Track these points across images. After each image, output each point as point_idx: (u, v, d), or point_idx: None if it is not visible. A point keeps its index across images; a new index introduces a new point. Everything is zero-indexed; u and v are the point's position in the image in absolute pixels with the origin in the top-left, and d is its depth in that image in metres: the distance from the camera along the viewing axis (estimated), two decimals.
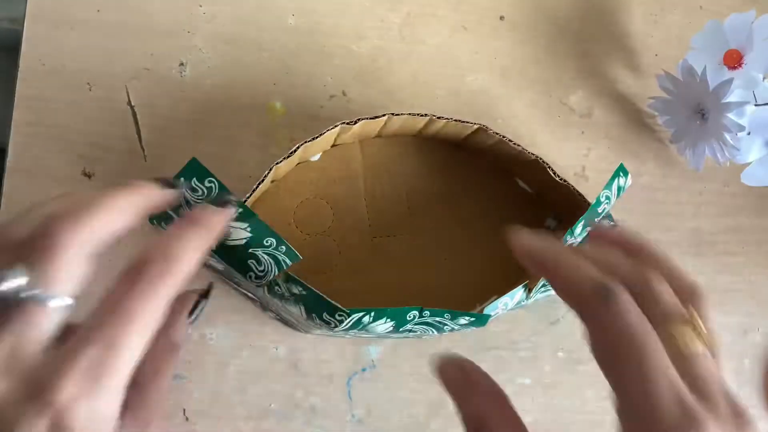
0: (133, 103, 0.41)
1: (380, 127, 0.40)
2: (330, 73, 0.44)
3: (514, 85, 0.47)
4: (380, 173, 0.42)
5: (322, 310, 0.34)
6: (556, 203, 0.43)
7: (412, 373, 0.42)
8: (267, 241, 0.33)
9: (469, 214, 0.43)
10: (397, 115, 0.38)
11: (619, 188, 0.38)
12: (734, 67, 0.43)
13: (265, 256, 0.33)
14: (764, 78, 0.44)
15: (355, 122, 0.37)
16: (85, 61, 0.41)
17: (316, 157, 0.41)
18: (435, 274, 0.42)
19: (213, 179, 0.32)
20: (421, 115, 0.39)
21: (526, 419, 0.43)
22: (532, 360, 0.44)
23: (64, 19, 0.41)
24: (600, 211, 0.38)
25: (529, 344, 0.44)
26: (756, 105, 0.44)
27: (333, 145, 0.41)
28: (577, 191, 0.40)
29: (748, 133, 0.44)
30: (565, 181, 0.39)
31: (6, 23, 0.62)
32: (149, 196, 0.27)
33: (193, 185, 0.32)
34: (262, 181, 0.36)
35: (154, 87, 0.41)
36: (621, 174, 0.38)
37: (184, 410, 0.39)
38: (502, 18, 0.48)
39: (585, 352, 0.45)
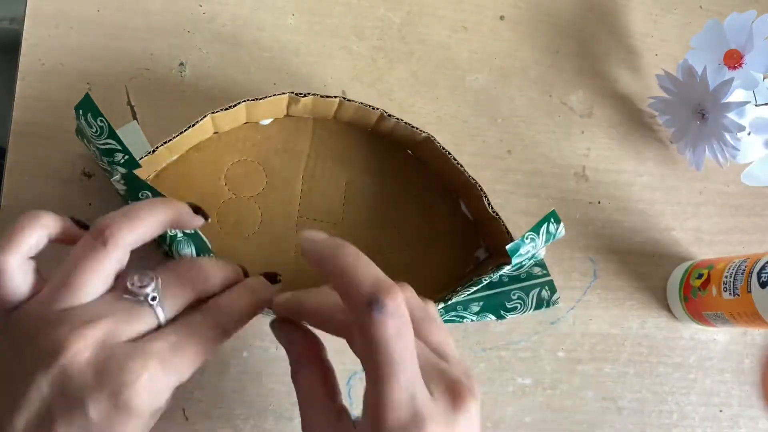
0: (133, 103, 0.41)
1: (334, 110, 0.40)
2: (330, 73, 0.44)
3: (515, 85, 0.47)
4: (325, 156, 0.41)
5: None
6: (488, 235, 0.42)
7: None
8: (142, 194, 0.34)
9: (403, 222, 0.42)
10: (348, 101, 0.38)
11: (550, 234, 0.37)
12: (734, 67, 0.43)
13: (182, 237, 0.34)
14: (764, 78, 0.44)
15: (305, 95, 0.37)
16: (85, 61, 0.41)
17: (266, 122, 0.41)
18: None
19: (104, 119, 0.33)
20: (373, 108, 0.39)
21: (526, 419, 0.43)
22: (532, 360, 0.44)
23: (64, 19, 0.41)
24: (523, 253, 0.36)
25: (529, 344, 0.44)
26: (756, 105, 0.44)
27: (286, 116, 0.41)
28: (506, 228, 0.39)
29: (749, 133, 0.45)
30: (497, 214, 0.39)
31: (6, 23, 0.62)
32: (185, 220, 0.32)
33: (89, 121, 0.33)
34: (193, 125, 0.36)
35: (154, 87, 0.41)
36: (552, 220, 0.37)
37: (184, 410, 0.39)
38: (502, 18, 0.48)
39: (585, 352, 0.45)
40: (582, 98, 0.48)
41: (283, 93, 0.37)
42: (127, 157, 0.33)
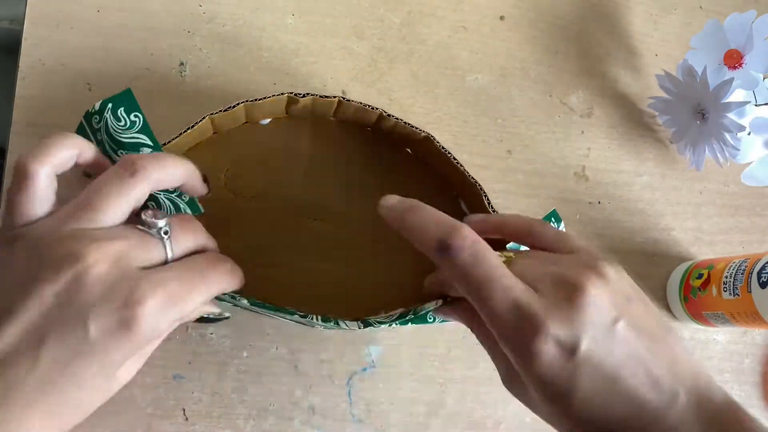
0: None
1: (334, 109, 0.40)
2: (330, 73, 0.44)
3: (515, 85, 0.47)
4: (326, 156, 0.41)
5: None
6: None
7: (412, 373, 0.42)
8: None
9: None
10: (348, 101, 0.38)
11: None
12: (734, 67, 0.43)
13: (167, 201, 0.34)
14: (764, 78, 0.44)
15: (304, 95, 0.37)
16: (85, 61, 0.41)
17: (265, 122, 0.41)
18: (354, 269, 0.40)
19: (139, 114, 0.33)
20: (372, 109, 0.39)
21: (526, 419, 0.43)
22: None
23: (64, 19, 0.41)
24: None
25: None
26: (756, 105, 0.44)
27: (286, 115, 0.41)
28: None
29: (749, 133, 0.45)
30: (497, 213, 0.39)
31: (6, 23, 0.62)
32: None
33: (119, 115, 0.33)
34: (192, 127, 0.36)
35: (154, 87, 0.41)
36: (553, 220, 0.37)
37: (184, 410, 0.39)
38: (502, 18, 0.48)
39: None
40: (582, 98, 0.48)
41: (282, 93, 0.38)
42: (152, 151, 0.33)
